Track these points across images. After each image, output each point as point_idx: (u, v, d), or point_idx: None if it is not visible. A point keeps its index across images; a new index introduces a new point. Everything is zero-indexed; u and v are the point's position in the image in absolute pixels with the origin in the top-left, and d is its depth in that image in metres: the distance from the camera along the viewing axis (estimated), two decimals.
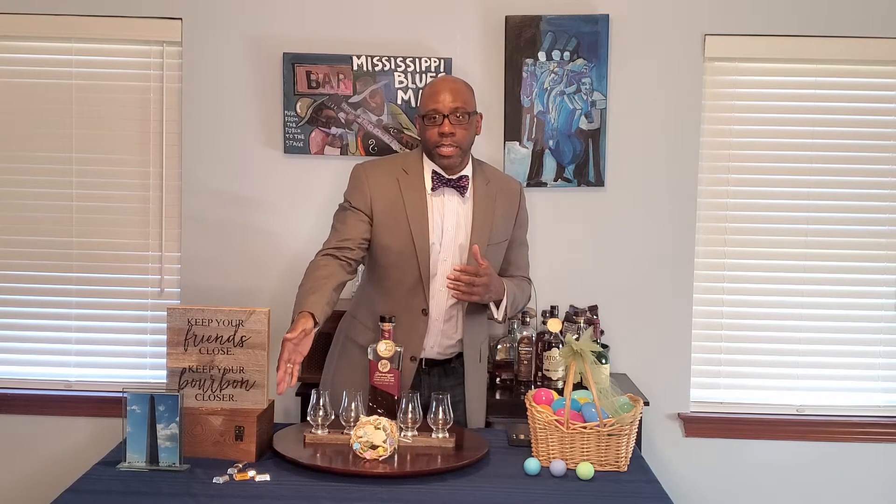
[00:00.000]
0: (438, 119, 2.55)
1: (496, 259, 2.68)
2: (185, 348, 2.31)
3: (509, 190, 2.74)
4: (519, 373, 3.23)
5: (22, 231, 3.52)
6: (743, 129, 3.49)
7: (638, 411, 2.28)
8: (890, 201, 3.51)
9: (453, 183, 2.61)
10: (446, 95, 2.56)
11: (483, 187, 2.66)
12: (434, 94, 2.58)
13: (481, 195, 2.65)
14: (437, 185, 2.61)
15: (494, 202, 2.66)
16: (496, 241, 2.66)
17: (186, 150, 3.46)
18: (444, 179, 2.60)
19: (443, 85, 2.61)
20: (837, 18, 3.41)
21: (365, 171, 2.65)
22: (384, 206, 2.60)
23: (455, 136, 2.55)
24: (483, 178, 2.69)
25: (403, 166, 2.65)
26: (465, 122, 2.57)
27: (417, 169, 2.64)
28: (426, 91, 2.64)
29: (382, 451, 2.18)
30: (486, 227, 2.63)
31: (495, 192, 2.68)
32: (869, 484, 3.52)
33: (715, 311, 3.54)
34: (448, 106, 2.55)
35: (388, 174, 2.64)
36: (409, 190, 2.60)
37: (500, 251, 2.70)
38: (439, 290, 2.61)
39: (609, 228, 3.47)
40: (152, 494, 2.03)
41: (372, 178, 2.62)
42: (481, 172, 2.70)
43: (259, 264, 3.46)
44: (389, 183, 2.61)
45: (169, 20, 3.42)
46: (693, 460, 3.51)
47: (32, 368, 3.56)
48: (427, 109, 2.57)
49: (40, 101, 3.48)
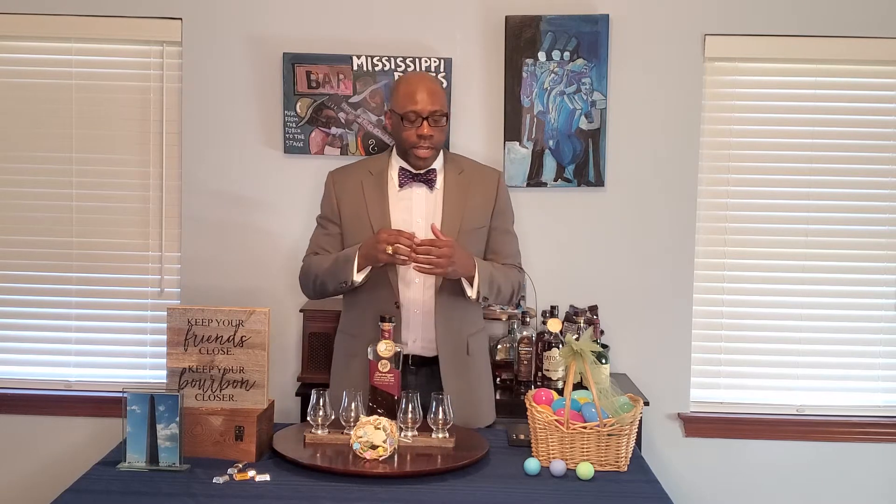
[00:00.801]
0: (418, 121, 2.55)
1: (471, 247, 2.63)
2: (185, 348, 2.31)
3: (485, 177, 2.72)
4: (519, 373, 3.22)
5: (22, 231, 3.52)
6: (743, 129, 3.49)
7: (638, 411, 2.28)
8: (890, 201, 3.51)
9: (421, 177, 2.63)
10: (425, 97, 2.55)
11: (455, 176, 2.67)
12: (412, 95, 2.56)
13: (452, 184, 2.65)
14: (405, 182, 2.63)
15: (467, 189, 2.65)
16: (469, 227, 2.63)
17: (186, 150, 3.46)
18: (411, 174, 2.63)
19: (421, 85, 2.59)
20: (837, 18, 3.41)
21: (332, 178, 2.73)
22: (350, 210, 2.65)
23: (433, 138, 2.56)
24: (456, 168, 2.69)
25: (370, 168, 2.70)
26: (441, 124, 2.59)
27: (383, 168, 2.67)
28: (402, 89, 2.61)
29: (382, 451, 2.18)
30: (456, 214, 2.62)
31: (468, 180, 2.67)
32: (869, 484, 3.52)
33: (715, 311, 3.54)
34: (427, 108, 2.55)
35: (353, 178, 2.69)
36: (372, 191, 2.64)
37: (476, 238, 2.66)
38: (413, 282, 2.61)
39: (609, 228, 3.47)
40: (152, 494, 2.03)
41: (338, 185, 2.70)
42: (455, 164, 2.71)
43: (259, 264, 3.46)
44: (354, 187, 2.66)
45: (169, 20, 3.42)
46: (693, 460, 3.51)
47: (32, 368, 3.56)
48: (406, 110, 2.55)
49: (40, 101, 3.49)
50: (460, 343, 2.68)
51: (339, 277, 2.57)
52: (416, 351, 2.64)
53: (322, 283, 2.64)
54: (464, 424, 2.55)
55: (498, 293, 2.64)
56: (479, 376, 2.76)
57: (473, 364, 2.72)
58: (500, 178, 2.77)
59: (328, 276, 2.60)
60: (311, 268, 2.66)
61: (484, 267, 2.59)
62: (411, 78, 2.72)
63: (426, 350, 2.65)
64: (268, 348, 2.31)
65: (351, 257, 2.54)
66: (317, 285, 2.65)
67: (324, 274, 2.61)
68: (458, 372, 2.66)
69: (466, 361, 2.69)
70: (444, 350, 2.64)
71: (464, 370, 2.68)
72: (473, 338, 2.73)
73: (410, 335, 2.63)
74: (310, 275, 2.66)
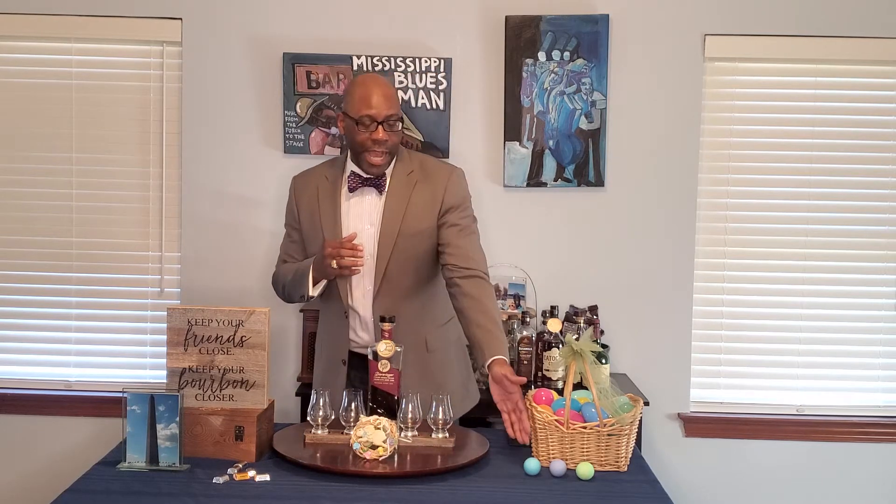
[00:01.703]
0: (373, 126, 2.51)
1: (417, 249, 2.58)
2: (185, 348, 2.31)
3: (436, 175, 2.62)
4: (519, 373, 3.22)
5: (22, 231, 3.52)
6: (743, 129, 3.49)
7: (638, 411, 2.28)
8: (890, 201, 3.51)
9: (371, 181, 2.59)
10: (380, 101, 2.51)
11: (402, 178, 2.60)
12: (366, 98, 2.51)
13: (397, 186, 2.59)
14: (356, 186, 2.60)
15: (411, 190, 2.59)
16: (411, 230, 2.57)
17: (186, 150, 3.46)
18: (361, 179, 2.59)
19: (375, 88, 2.53)
20: (837, 18, 3.41)
21: (294, 183, 2.76)
22: (306, 216, 2.68)
23: (387, 142, 2.53)
24: (406, 168, 2.62)
25: (326, 173, 2.69)
26: (396, 128, 2.56)
27: (338, 174, 2.66)
28: (357, 92, 2.55)
29: (382, 451, 2.18)
30: (395, 219, 2.56)
31: (415, 181, 2.60)
32: (869, 484, 3.52)
33: (715, 311, 3.54)
34: (383, 112, 2.50)
35: (310, 184, 2.70)
36: (325, 197, 2.64)
37: (421, 241, 2.59)
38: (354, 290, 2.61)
39: (609, 228, 3.47)
40: (152, 494, 2.03)
41: (298, 190, 2.73)
42: (406, 163, 2.63)
43: (259, 264, 3.45)
44: (310, 192, 2.68)
45: (169, 20, 3.42)
46: (693, 460, 3.51)
47: (32, 368, 3.56)
48: (360, 114, 2.50)
49: (40, 101, 3.49)
50: (416, 340, 2.60)
51: (299, 290, 2.62)
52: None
53: (288, 294, 2.71)
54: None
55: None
56: (446, 370, 2.68)
57: (434, 360, 2.65)
58: (451, 174, 2.64)
59: (291, 288, 2.66)
60: (279, 277, 2.72)
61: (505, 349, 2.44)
62: (366, 80, 2.61)
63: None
64: (268, 348, 2.31)
65: (305, 272, 2.57)
66: (284, 294, 2.73)
67: (288, 285, 2.67)
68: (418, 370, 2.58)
69: (426, 358, 2.63)
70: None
71: (424, 367, 2.62)
72: (433, 333, 2.67)
73: (364, 338, 2.64)
74: (278, 284, 2.74)
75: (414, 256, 2.60)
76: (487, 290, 2.54)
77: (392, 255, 2.56)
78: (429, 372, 2.64)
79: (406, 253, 2.58)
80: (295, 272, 2.63)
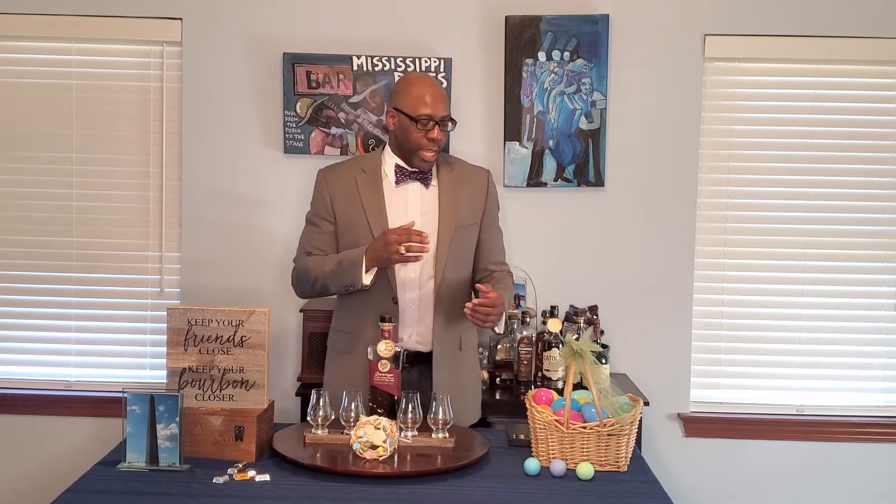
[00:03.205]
0: (430, 125, 2.58)
1: (466, 242, 2.68)
2: (185, 348, 2.31)
3: (476, 175, 2.76)
4: (519, 373, 3.22)
5: (22, 231, 3.52)
6: (743, 129, 3.49)
7: (638, 411, 2.28)
8: (890, 201, 3.51)
9: (416, 175, 2.65)
10: (439, 103, 2.60)
11: (448, 174, 2.70)
12: (425, 98, 2.59)
13: (446, 180, 2.69)
14: (401, 179, 2.65)
15: (461, 186, 2.70)
16: (464, 223, 2.67)
17: (186, 150, 3.46)
18: (406, 172, 2.65)
19: (431, 89, 2.62)
20: (837, 18, 3.41)
21: (324, 175, 2.74)
22: (344, 207, 2.66)
23: (441, 141, 2.62)
24: (447, 166, 2.74)
25: (362, 166, 2.72)
26: (449, 128, 2.66)
27: (375, 166, 2.69)
28: (413, 91, 2.61)
29: (382, 451, 2.18)
30: (452, 210, 2.65)
31: (461, 177, 2.72)
32: (869, 484, 3.52)
33: (715, 311, 3.54)
34: (441, 113, 2.60)
35: (346, 175, 2.70)
36: (366, 187, 2.66)
37: (468, 235, 2.69)
38: (410, 278, 2.62)
39: (609, 228, 3.47)
40: (152, 494, 2.03)
41: (330, 180, 2.70)
42: (445, 161, 2.75)
43: (259, 264, 3.46)
44: (348, 183, 2.67)
45: (169, 20, 3.42)
46: (693, 460, 3.51)
47: (32, 368, 3.56)
48: (419, 113, 2.57)
49: (40, 101, 3.49)
50: (454, 339, 2.69)
51: (344, 280, 2.57)
52: (411, 346, 2.64)
53: (323, 286, 2.63)
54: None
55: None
56: (468, 372, 2.76)
57: (464, 360, 2.73)
58: (489, 175, 2.79)
59: (330, 279, 2.59)
60: (310, 269, 2.64)
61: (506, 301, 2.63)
62: (421, 80, 2.70)
63: (420, 345, 2.66)
64: (268, 348, 2.32)
65: (357, 260, 2.53)
66: (317, 287, 2.64)
67: (325, 276, 2.60)
68: (450, 368, 2.67)
69: (458, 357, 2.71)
70: (439, 346, 2.65)
71: (455, 366, 2.69)
72: (466, 333, 2.73)
73: (406, 331, 2.64)
74: (308, 277, 2.64)
75: (465, 250, 2.69)
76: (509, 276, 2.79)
77: (450, 246, 2.64)
78: (460, 371, 2.71)
79: (460, 246, 2.66)
80: (338, 263, 2.58)
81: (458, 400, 2.63)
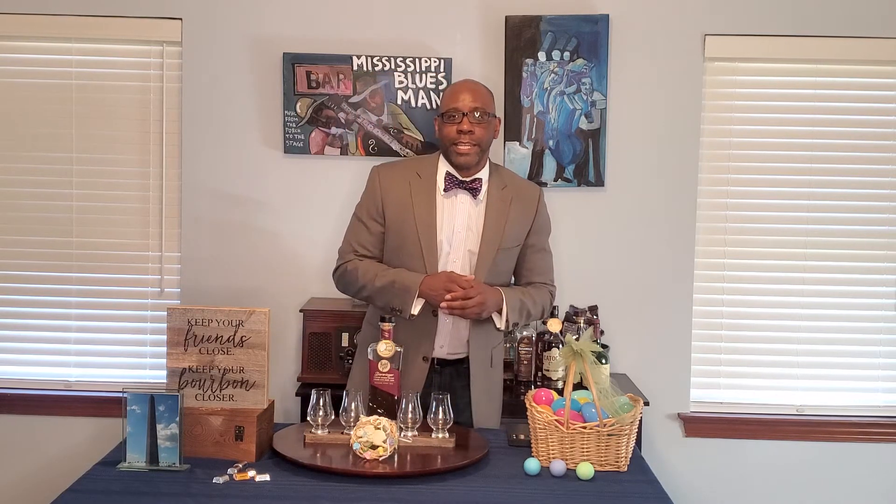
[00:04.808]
0: (458, 117, 2.58)
1: (507, 263, 2.69)
2: (185, 348, 2.31)
3: (527, 195, 2.73)
4: (519, 373, 3.22)
5: (22, 231, 3.52)
6: (743, 129, 3.49)
7: (638, 411, 2.28)
8: (890, 201, 3.51)
9: (466, 185, 2.63)
10: (466, 95, 2.61)
11: (498, 191, 2.67)
12: (455, 94, 2.63)
13: (495, 198, 2.66)
14: (450, 187, 2.63)
15: (509, 206, 2.66)
16: (507, 245, 2.65)
17: (186, 150, 3.46)
18: (456, 181, 2.63)
19: (464, 86, 2.67)
20: (837, 18, 3.41)
21: (379, 173, 2.70)
22: (394, 208, 2.63)
23: (474, 134, 2.58)
24: (499, 181, 2.69)
25: (417, 170, 2.69)
26: (484, 122, 2.61)
27: (431, 172, 2.67)
28: (447, 92, 2.70)
29: (382, 451, 2.18)
30: (497, 231, 2.63)
31: (511, 196, 2.68)
32: (869, 484, 3.52)
33: (715, 311, 3.54)
34: (468, 105, 2.59)
35: (400, 177, 2.67)
36: (419, 192, 2.63)
37: (512, 256, 2.70)
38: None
39: (609, 228, 3.47)
40: (152, 494, 2.03)
41: (385, 180, 2.67)
42: (498, 176, 2.71)
43: (259, 264, 3.46)
44: (401, 186, 2.65)
45: (169, 20, 3.42)
46: (693, 460, 3.51)
47: (32, 368, 3.56)
48: (447, 108, 2.61)
49: (40, 101, 3.49)
50: (486, 355, 2.72)
51: (393, 303, 2.56)
52: (442, 356, 2.67)
53: (369, 297, 2.64)
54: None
55: (528, 316, 2.69)
56: (495, 387, 2.80)
57: (493, 375, 2.77)
58: (540, 195, 2.76)
59: (379, 295, 2.59)
60: (359, 276, 2.61)
61: (512, 296, 2.62)
62: (458, 82, 2.78)
63: (451, 355, 2.69)
64: (268, 348, 2.31)
65: (413, 289, 2.53)
66: (361, 295, 2.66)
67: (374, 291, 2.59)
68: (483, 383, 2.71)
69: (489, 373, 2.74)
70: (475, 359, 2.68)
71: (488, 381, 2.73)
72: (496, 350, 2.77)
73: (439, 341, 2.65)
74: (356, 282, 2.63)
75: (504, 271, 2.68)
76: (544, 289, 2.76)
77: (491, 267, 2.62)
78: (492, 386, 2.74)
79: (499, 266, 2.65)
80: (391, 283, 2.56)
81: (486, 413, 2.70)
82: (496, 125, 2.70)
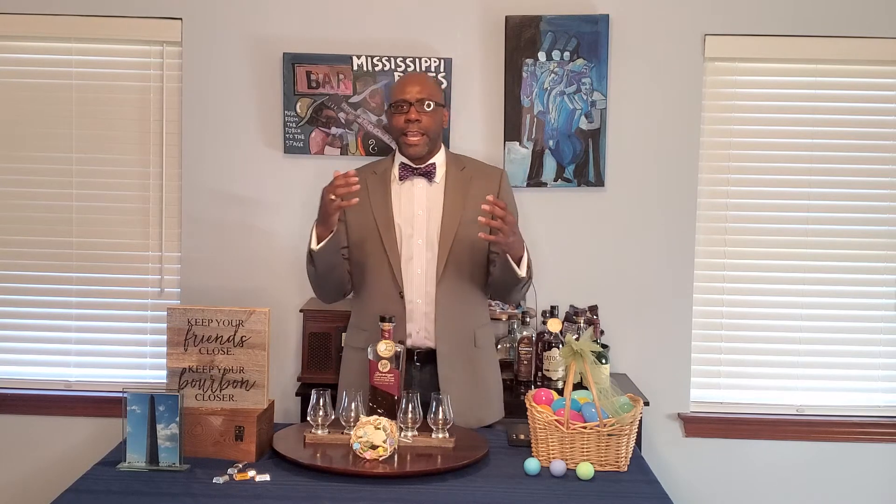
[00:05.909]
0: (405, 107, 2.64)
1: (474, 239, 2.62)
2: (185, 348, 2.31)
3: (487, 174, 2.77)
4: (519, 373, 3.22)
5: (22, 231, 3.52)
6: (743, 129, 3.49)
7: (638, 411, 2.28)
8: (890, 201, 3.51)
9: (421, 171, 2.69)
10: (413, 87, 2.67)
11: (457, 172, 2.73)
12: (402, 86, 2.70)
13: (454, 178, 2.72)
14: (405, 175, 2.70)
15: (468, 184, 2.71)
16: (471, 218, 2.62)
17: (186, 150, 3.46)
18: (411, 168, 2.70)
19: (410, 78, 2.76)
20: (837, 18, 3.41)
21: None
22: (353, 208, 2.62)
23: (421, 122, 2.64)
24: (458, 164, 2.77)
25: (374, 169, 2.78)
26: (431, 112, 2.66)
27: (387, 167, 2.76)
28: (395, 84, 2.81)
29: (382, 451, 2.18)
30: (457, 203, 2.68)
31: (471, 175, 2.74)
32: (869, 484, 3.52)
33: (715, 311, 3.54)
34: (415, 95, 2.65)
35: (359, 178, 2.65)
36: (376, 186, 2.72)
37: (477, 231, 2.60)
38: (416, 273, 2.65)
39: (609, 228, 3.47)
40: (152, 494, 2.03)
41: None
42: (456, 161, 2.78)
43: (259, 264, 3.46)
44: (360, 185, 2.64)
45: (169, 20, 3.42)
46: (693, 460, 3.51)
47: (32, 368, 3.56)
48: (395, 99, 2.68)
49: (40, 101, 3.49)
50: (467, 335, 2.70)
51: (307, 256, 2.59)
52: (420, 342, 2.66)
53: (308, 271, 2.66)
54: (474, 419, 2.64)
55: (528, 280, 2.65)
56: (487, 370, 2.77)
57: (482, 357, 2.75)
58: (502, 175, 2.80)
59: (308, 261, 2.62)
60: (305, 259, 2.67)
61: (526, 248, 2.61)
62: (404, 75, 2.86)
63: (429, 341, 2.67)
64: (268, 348, 2.31)
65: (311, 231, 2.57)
66: (311, 276, 2.68)
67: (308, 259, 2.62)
68: (465, 365, 2.69)
69: (474, 354, 2.72)
70: (445, 340, 2.65)
71: (471, 363, 2.71)
72: (481, 330, 2.76)
73: (414, 326, 2.66)
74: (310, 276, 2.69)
75: (471, 246, 2.68)
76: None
77: (454, 241, 2.65)
78: (477, 367, 2.72)
79: (465, 241, 2.66)
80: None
81: (478, 397, 2.70)
82: (444, 115, 2.78)
